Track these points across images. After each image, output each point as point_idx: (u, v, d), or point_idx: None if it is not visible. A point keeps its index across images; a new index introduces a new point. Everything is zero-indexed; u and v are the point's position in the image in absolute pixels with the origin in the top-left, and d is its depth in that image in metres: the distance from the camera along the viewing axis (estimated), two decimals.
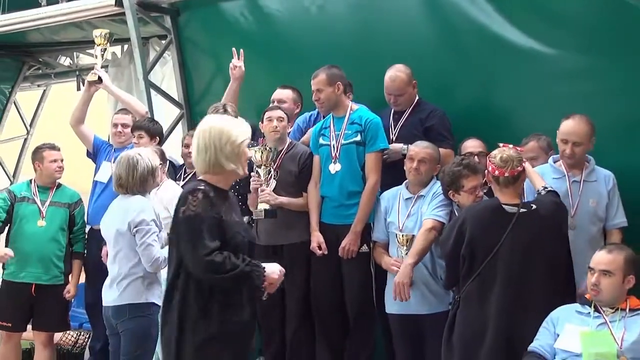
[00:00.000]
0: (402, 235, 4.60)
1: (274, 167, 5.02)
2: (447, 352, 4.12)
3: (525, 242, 3.95)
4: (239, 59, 5.69)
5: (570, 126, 4.41)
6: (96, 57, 6.60)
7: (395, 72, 5.07)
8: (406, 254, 4.55)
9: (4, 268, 5.96)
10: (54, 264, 5.99)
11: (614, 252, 3.87)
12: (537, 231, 3.98)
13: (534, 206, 4.07)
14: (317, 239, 4.94)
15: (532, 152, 4.75)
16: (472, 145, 4.93)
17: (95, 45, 6.55)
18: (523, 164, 4.11)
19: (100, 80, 6.32)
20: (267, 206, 4.90)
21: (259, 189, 4.94)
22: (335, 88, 4.96)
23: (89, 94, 6.43)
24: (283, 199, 4.99)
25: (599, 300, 3.82)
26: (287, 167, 5.15)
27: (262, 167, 4.93)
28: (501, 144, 4.15)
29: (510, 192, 4.07)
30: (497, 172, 4.04)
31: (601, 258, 3.84)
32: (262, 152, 4.87)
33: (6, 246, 5.97)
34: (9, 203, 6.01)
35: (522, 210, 3.99)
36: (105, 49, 6.56)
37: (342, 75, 5.00)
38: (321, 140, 5.06)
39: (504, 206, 4.02)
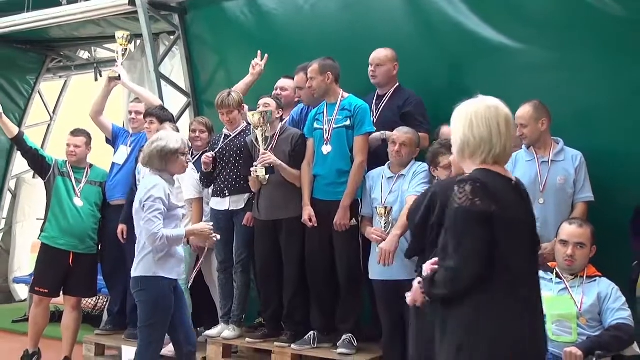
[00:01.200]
0: (381, 207, 4.60)
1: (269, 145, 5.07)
2: None
3: None
4: (262, 60, 5.68)
5: (518, 111, 4.48)
6: (117, 56, 6.55)
7: (382, 48, 5.14)
8: (385, 223, 4.55)
9: (42, 230, 5.95)
10: (89, 236, 6.03)
11: (584, 226, 3.92)
12: None
13: None
14: (308, 212, 4.94)
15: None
16: (448, 130, 4.93)
17: (118, 45, 6.50)
18: None
19: (119, 77, 6.30)
20: (266, 166, 4.95)
21: (260, 152, 4.97)
22: (326, 77, 4.95)
23: (109, 89, 6.40)
24: (279, 162, 5.01)
25: (572, 269, 3.86)
26: (281, 148, 5.14)
27: (259, 129, 4.94)
28: None
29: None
30: None
31: (575, 232, 3.88)
32: (258, 115, 4.92)
33: (46, 215, 6.00)
34: (53, 162, 6.05)
35: None
36: (126, 49, 6.52)
37: (333, 66, 4.98)
38: (315, 125, 5.06)
39: None
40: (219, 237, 4.51)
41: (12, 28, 7.79)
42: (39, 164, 6.13)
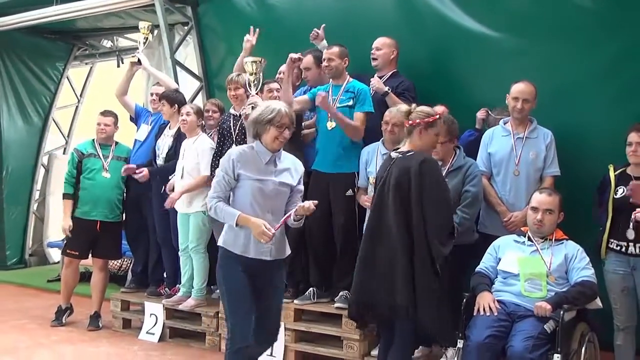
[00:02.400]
0: (373, 177, 4.59)
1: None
2: None
3: (394, 180, 3.77)
4: (252, 35, 5.61)
5: (520, 87, 4.49)
6: (139, 44, 6.54)
7: (384, 36, 5.15)
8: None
9: (75, 208, 5.96)
10: (117, 206, 6.08)
11: (552, 195, 3.94)
12: (398, 175, 3.76)
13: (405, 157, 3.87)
14: None
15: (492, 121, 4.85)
16: (439, 110, 4.96)
17: (140, 34, 6.49)
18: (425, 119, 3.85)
19: (140, 62, 6.28)
20: (252, 106, 4.91)
21: (250, 95, 5.06)
22: (343, 62, 4.96)
23: (131, 73, 6.42)
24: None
25: (542, 232, 3.88)
26: None
27: (252, 75, 4.99)
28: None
29: (409, 141, 3.89)
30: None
31: (545, 199, 3.90)
32: (252, 63, 4.97)
33: (78, 192, 5.98)
34: (77, 160, 6.01)
35: (399, 156, 3.86)
36: (147, 37, 6.51)
37: (348, 54, 4.99)
38: None
39: (392, 152, 3.97)
40: (271, 233, 3.60)
41: (43, 20, 7.77)
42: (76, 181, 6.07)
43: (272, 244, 3.65)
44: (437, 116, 3.85)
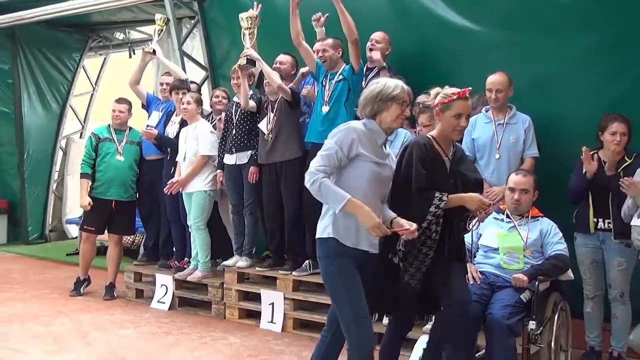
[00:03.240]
0: None
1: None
2: None
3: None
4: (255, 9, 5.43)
5: (493, 78, 4.50)
6: (154, 34, 6.52)
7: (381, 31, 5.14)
8: None
9: (92, 188, 5.98)
10: (130, 186, 6.11)
11: (527, 175, 3.95)
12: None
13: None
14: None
15: (472, 105, 4.80)
16: (422, 97, 4.94)
17: (155, 26, 6.46)
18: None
19: (154, 52, 6.26)
20: (248, 58, 5.10)
21: (246, 47, 5.14)
22: (337, 52, 4.91)
23: (144, 63, 6.39)
24: (257, 55, 5.15)
25: (519, 210, 3.89)
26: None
27: (247, 30, 5.13)
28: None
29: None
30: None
31: (521, 180, 3.91)
32: (248, 18, 5.13)
33: (94, 174, 6.00)
34: (95, 143, 6.02)
35: None
36: (162, 29, 6.48)
37: (342, 44, 4.93)
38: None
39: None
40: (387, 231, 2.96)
41: (60, 14, 7.75)
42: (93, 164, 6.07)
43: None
44: (454, 96, 3.19)
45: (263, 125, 5.18)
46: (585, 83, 4.68)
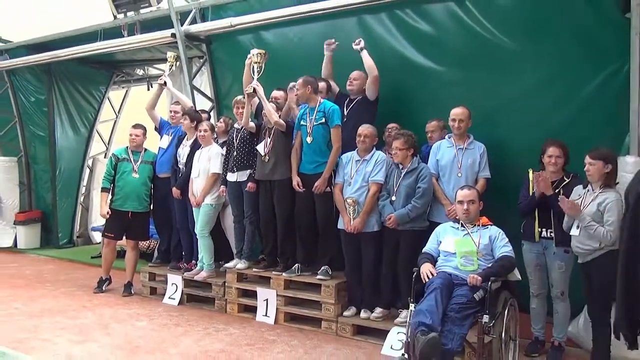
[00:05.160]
0: (350, 199, 4.58)
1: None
2: None
3: None
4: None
5: (456, 111, 4.56)
6: (166, 69, 6.53)
7: (358, 70, 5.16)
8: (353, 211, 4.56)
9: (112, 201, 5.97)
10: (144, 199, 6.05)
11: (471, 189, 3.99)
12: None
13: None
14: (295, 180, 4.92)
15: (433, 128, 4.86)
16: (391, 125, 5.00)
17: (167, 62, 6.49)
18: None
19: (165, 84, 6.27)
20: (254, 88, 5.04)
21: (253, 79, 5.10)
22: (307, 89, 4.90)
23: (159, 91, 6.38)
24: (262, 92, 5.06)
25: (470, 219, 3.90)
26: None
27: (255, 64, 5.09)
28: None
29: None
30: None
31: (467, 193, 3.93)
32: (258, 54, 5.10)
33: (113, 189, 5.97)
34: (114, 162, 5.99)
35: None
36: (172, 65, 6.49)
37: (312, 81, 4.91)
38: (302, 122, 4.99)
39: None
40: None
41: (89, 53, 7.77)
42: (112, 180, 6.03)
43: None
44: None
45: (261, 148, 5.17)
46: (528, 115, 4.72)
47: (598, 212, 3.74)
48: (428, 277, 3.64)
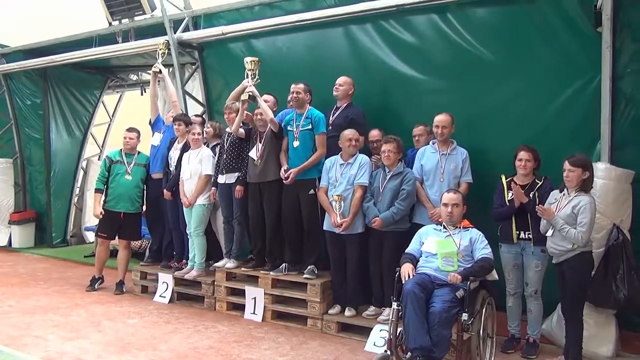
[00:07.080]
0: (337, 195, 4.55)
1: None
2: None
3: None
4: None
5: (439, 118, 4.55)
6: (158, 56, 6.43)
7: (346, 76, 5.13)
8: (339, 207, 4.53)
9: (105, 202, 5.89)
10: (136, 200, 5.98)
11: (456, 193, 3.98)
12: None
13: None
14: (285, 166, 4.94)
15: (420, 132, 4.86)
16: (374, 133, 5.00)
17: (159, 51, 6.41)
18: None
19: (160, 71, 6.20)
20: (250, 94, 5.01)
21: (248, 84, 5.07)
22: (306, 95, 4.93)
23: (155, 80, 6.34)
24: (258, 94, 5.03)
25: (453, 222, 3.90)
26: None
27: (250, 71, 5.07)
28: None
29: None
30: None
31: (452, 196, 3.92)
32: (252, 62, 5.08)
33: (107, 191, 5.88)
34: (108, 164, 5.92)
35: None
36: (164, 53, 6.41)
37: (310, 91, 4.98)
38: (289, 128, 4.99)
39: None
40: None
41: (84, 58, 7.67)
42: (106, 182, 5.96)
43: None
44: None
45: (253, 154, 5.14)
46: (504, 124, 4.74)
47: (572, 214, 3.76)
48: (408, 277, 3.64)
